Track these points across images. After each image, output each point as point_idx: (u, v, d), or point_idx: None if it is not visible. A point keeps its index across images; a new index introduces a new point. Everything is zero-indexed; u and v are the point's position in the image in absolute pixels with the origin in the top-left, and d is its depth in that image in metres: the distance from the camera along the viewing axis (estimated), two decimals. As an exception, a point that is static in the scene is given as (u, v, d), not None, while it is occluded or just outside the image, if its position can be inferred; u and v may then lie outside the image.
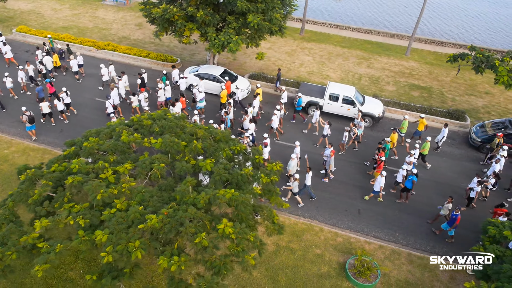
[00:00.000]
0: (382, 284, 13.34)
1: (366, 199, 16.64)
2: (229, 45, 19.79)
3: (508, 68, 18.75)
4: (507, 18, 45.21)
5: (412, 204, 16.59)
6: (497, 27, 41.87)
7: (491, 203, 16.46)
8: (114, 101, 19.83)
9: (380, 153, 16.87)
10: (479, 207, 16.54)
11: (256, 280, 13.22)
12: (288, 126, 21.09)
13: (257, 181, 12.64)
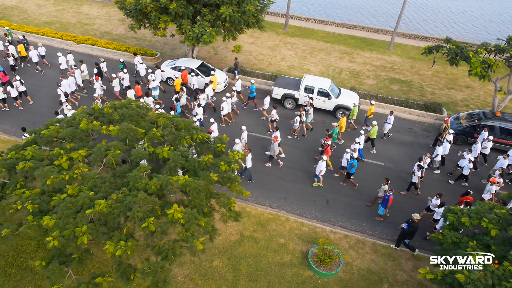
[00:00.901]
0: (344, 273, 13.26)
1: (315, 185, 16.72)
2: (202, 37, 19.72)
3: (481, 60, 18.67)
4: (491, 14, 45.21)
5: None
6: (481, 23, 41.85)
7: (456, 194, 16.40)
8: (69, 88, 20.11)
9: (327, 138, 17.13)
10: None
11: (217, 269, 13.14)
12: (243, 113, 21.47)
13: (216, 168, 12.61)
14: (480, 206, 11.92)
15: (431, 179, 17.59)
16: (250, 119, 20.91)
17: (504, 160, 16.48)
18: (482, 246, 11.06)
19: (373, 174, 17.59)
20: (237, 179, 12.88)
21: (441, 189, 16.33)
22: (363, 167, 17.89)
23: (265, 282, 12.81)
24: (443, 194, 14.79)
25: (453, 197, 16.05)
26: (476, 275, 9.86)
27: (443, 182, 17.52)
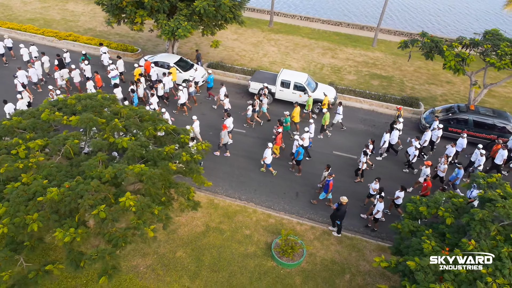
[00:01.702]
0: (307, 263, 13.26)
1: (262, 170, 17.09)
2: (177, 31, 19.74)
3: (454, 53, 18.67)
4: (476, 12, 45.23)
5: (351, 188, 16.51)
6: (468, 20, 41.87)
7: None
8: (30, 79, 20.38)
9: (278, 126, 17.30)
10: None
11: (180, 260, 13.14)
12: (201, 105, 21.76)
13: (178, 159, 12.64)
14: (439, 195, 11.93)
15: (384, 167, 17.80)
16: (206, 109, 21.21)
17: (452, 148, 16.63)
18: (437, 234, 11.08)
19: (347, 168, 17.58)
20: (199, 169, 12.91)
21: (394, 177, 16.78)
22: (336, 161, 17.89)
23: (227, 273, 12.81)
24: (398, 182, 14.88)
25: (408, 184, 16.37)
26: (427, 262, 9.86)
27: (395, 170, 17.68)
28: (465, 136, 17.20)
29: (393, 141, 17.76)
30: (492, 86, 20.36)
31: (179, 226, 14.30)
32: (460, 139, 17.17)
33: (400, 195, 14.31)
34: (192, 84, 20.45)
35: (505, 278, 8.89)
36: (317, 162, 17.70)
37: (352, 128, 20.27)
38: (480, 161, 15.95)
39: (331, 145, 19.03)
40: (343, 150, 18.73)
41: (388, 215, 15.30)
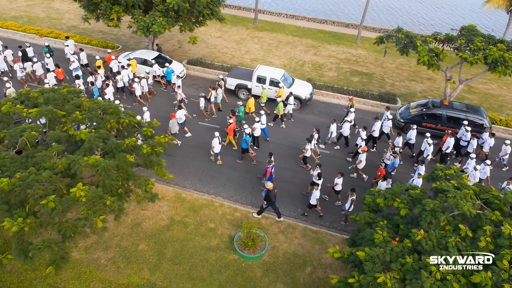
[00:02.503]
0: (270, 256, 13.24)
1: (212, 159, 17.36)
2: (152, 27, 19.75)
3: (427, 48, 18.66)
4: (463, 10, 45.24)
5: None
6: (453, 18, 41.89)
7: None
8: None
9: (232, 117, 17.49)
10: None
11: (142, 253, 13.13)
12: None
13: (139, 151, 12.65)
14: (396, 187, 11.93)
15: (335, 157, 18.17)
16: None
17: (399, 138, 17.00)
18: (391, 226, 11.07)
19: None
20: (160, 162, 12.92)
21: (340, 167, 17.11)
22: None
23: (188, 265, 12.80)
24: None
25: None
26: (376, 252, 9.85)
27: (342, 160, 17.96)
28: (415, 128, 17.39)
29: (345, 133, 17.98)
30: (468, 81, 20.35)
31: (144, 219, 14.30)
32: (410, 131, 17.36)
33: (338, 182, 14.55)
34: (149, 76, 20.73)
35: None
36: (287, 156, 17.71)
37: (324, 123, 20.21)
38: (428, 151, 16.28)
39: (295, 137, 19.18)
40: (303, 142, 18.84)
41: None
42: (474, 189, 10.80)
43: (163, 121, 18.48)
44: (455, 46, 19.56)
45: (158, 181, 16.02)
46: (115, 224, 13.99)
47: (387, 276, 8.98)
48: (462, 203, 9.61)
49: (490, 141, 17.07)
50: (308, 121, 20.44)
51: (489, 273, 8.40)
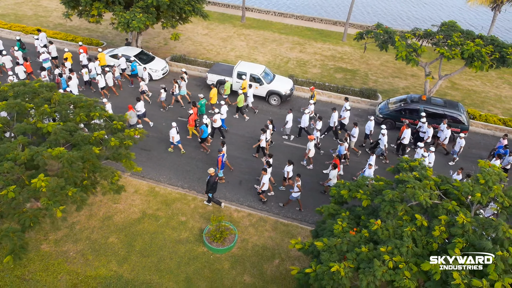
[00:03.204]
0: (239, 249, 13.29)
1: (170, 150, 17.58)
2: (132, 23, 19.81)
3: (404, 43, 18.70)
4: (451, 7, 45.29)
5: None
6: (441, 15, 41.93)
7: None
8: None
9: (193, 108, 17.83)
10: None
11: (111, 245, 13.17)
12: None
13: (107, 144, 12.72)
14: (361, 179, 11.97)
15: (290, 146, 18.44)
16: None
17: (356, 129, 17.29)
18: (353, 217, 11.11)
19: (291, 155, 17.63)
20: (129, 155, 12.98)
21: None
22: (283, 149, 17.94)
23: (156, 258, 12.84)
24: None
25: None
26: (333, 242, 9.90)
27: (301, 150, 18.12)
28: (373, 119, 17.71)
29: (304, 124, 18.12)
30: (447, 77, 20.39)
31: (115, 213, 14.35)
32: (368, 122, 17.75)
33: (288, 169, 14.72)
34: (116, 69, 20.97)
35: (402, 256, 8.91)
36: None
37: (297, 117, 20.28)
38: (383, 141, 16.69)
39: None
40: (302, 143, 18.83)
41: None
42: (435, 180, 10.85)
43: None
44: (433, 41, 19.59)
45: (132, 176, 16.10)
46: (86, 217, 14.08)
47: (341, 265, 9.02)
48: (418, 193, 9.65)
49: (446, 132, 17.35)
50: (283, 115, 20.59)
51: (440, 261, 8.44)
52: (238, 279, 12.36)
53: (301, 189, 14.43)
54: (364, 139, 18.39)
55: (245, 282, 12.29)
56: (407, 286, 8.39)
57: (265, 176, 14.25)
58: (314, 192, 15.85)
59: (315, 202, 15.18)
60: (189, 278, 12.28)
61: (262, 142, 16.60)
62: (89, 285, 11.94)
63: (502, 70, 26.73)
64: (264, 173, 14.19)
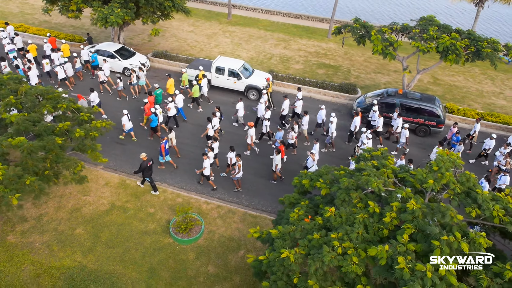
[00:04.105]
0: (205, 240, 13.30)
1: (122, 138, 17.83)
2: (109, 18, 19.85)
3: (380, 37, 18.71)
4: (437, 4, 45.27)
5: (266, 168, 16.57)
6: (427, 12, 41.94)
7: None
8: None
9: (149, 97, 18.13)
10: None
11: (78, 236, 13.18)
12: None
13: (72, 135, 12.75)
14: (323, 168, 11.98)
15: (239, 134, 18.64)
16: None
17: (306, 117, 17.50)
18: (312, 205, 11.12)
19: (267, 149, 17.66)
20: (95, 146, 13.01)
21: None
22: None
23: (121, 249, 12.85)
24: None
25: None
26: (288, 230, 9.92)
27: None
28: (324, 108, 18.00)
29: (259, 113, 18.33)
30: (425, 71, 20.41)
31: (84, 204, 14.36)
32: (320, 111, 17.97)
33: (231, 156, 15.02)
34: (77, 60, 21.17)
35: (352, 242, 8.90)
36: (232, 142, 17.78)
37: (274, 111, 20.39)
38: (331, 129, 17.06)
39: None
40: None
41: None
42: (394, 168, 10.86)
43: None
44: (410, 35, 19.61)
45: (105, 168, 16.13)
46: (54, 209, 14.09)
47: (291, 252, 9.03)
48: (372, 180, 9.66)
49: (398, 121, 17.42)
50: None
51: (386, 246, 8.43)
52: (202, 270, 12.37)
53: (241, 169, 14.84)
54: (315, 128, 18.65)
55: (208, 273, 12.30)
56: (354, 271, 8.39)
57: (206, 160, 14.41)
58: (283, 184, 15.83)
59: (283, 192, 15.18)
60: (153, 269, 12.29)
61: (209, 131, 16.67)
62: (52, 276, 11.95)
63: (486, 66, 26.72)
64: (205, 158, 14.38)
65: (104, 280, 11.92)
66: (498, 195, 9.56)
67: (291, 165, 16.87)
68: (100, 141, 14.41)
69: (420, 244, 8.57)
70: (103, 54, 22.41)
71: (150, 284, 11.86)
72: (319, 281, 8.73)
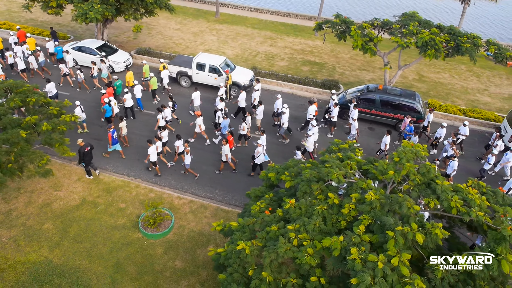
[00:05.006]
0: (175, 235, 13.17)
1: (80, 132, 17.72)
2: (89, 14, 19.76)
3: (360, 32, 18.59)
4: (425, 5, 45.25)
5: (240, 163, 16.44)
6: (421, 13, 41.93)
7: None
8: None
9: (107, 88, 18.24)
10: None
11: (46, 231, 13.04)
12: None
13: (39, 129, 12.64)
14: (290, 162, 11.86)
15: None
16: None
17: (260, 107, 17.51)
18: (276, 198, 10.99)
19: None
20: (63, 140, 12.89)
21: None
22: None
23: (89, 243, 12.72)
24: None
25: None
26: (248, 222, 9.81)
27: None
28: (279, 97, 18.24)
29: (219, 106, 17.91)
30: (406, 67, 20.28)
31: (55, 199, 14.22)
32: (277, 100, 18.18)
33: (177, 144, 15.14)
34: (40, 54, 21.27)
35: (308, 233, 8.77)
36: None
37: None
38: (283, 119, 17.27)
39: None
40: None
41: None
42: (358, 161, 10.73)
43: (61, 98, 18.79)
44: (390, 31, 19.49)
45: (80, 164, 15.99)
46: (24, 204, 13.96)
47: (248, 244, 8.90)
48: (332, 171, 9.53)
49: (354, 111, 17.42)
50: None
51: (341, 237, 8.29)
52: (169, 264, 12.23)
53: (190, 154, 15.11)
54: (272, 117, 18.82)
55: (175, 267, 12.15)
56: (308, 263, 8.25)
57: (151, 147, 14.60)
58: (258, 179, 15.65)
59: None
60: (119, 263, 12.15)
61: (160, 122, 16.63)
62: (16, 270, 11.81)
63: (472, 63, 26.54)
64: (150, 144, 14.56)
65: (69, 274, 11.78)
66: (459, 186, 9.42)
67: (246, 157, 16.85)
68: (74, 137, 14.33)
69: (376, 235, 8.44)
70: (85, 50, 22.32)
71: (115, 279, 11.72)
72: (274, 273, 8.61)
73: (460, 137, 16.97)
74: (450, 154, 15.70)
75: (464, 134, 16.96)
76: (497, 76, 25.96)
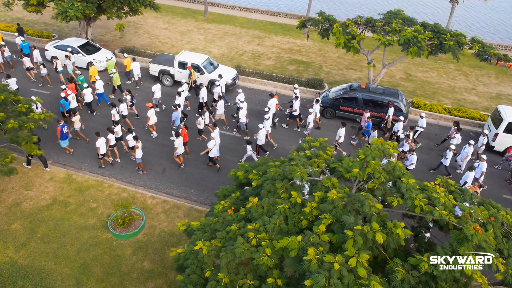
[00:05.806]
0: (145, 235, 12.88)
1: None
2: (69, 11, 19.51)
3: (342, 30, 18.33)
4: (415, 4, 45.00)
5: (220, 162, 16.16)
6: (414, 13, 41.71)
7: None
8: None
9: (69, 84, 18.36)
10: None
11: (13, 232, 12.75)
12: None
13: (5, 127, 12.37)
14: (260, 160, 11.59)
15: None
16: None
17: (220, 102, 17.44)
18: (242, 197, 10.71)
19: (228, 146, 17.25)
20: (31, 138, 12.63)
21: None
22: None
23: (57, 244, 12.43)
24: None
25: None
26: (209, 221, 9.52)
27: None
28: (241, 91, 18.17)
29: (176, 101, 17.91)
30: (390, 65, 20.01)
31: (25, 199, 13.94)
32: (238, 94, 18.03)
33: (128, 138, 15.06)
34: (5, 49, 21.15)
35: (267, 233, 8.48)
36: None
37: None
38: (240, 114, 17.09)
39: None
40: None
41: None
42: (327, 158, 10.45)
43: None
44: (373, 29, 19.22)
45: (53, 164, 15.71)
46: (-7, 204, 13.69)
47: (206, 244, 8.61)
48: (296, 169, 9.25)
49: (316, 107, 17.74)
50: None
51: (299, 237, 8.00)
52: (137, 265, 11.94)
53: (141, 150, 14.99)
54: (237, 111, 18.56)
55: (143, 268, 11.86)
56: (265, 264, 7.96)
57: (99, 139, 14.77)
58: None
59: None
60: (86, 264, 11.86)
61: (115, 116, 16.56)
62: (-21, 271, 11.53)
63: (461, 62, 26.32)
64: (98, 137, 14.78)
65: (33, 276, 11.49)
66: (427, 184, 9.13)
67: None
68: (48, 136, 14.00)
69: (336, 235, 8.15)
70: (66, 49, 22.05)
71: (80, 280, 11.43)
72: (231, 274, 8.32)
73: (418, 129, 17.22)
74: (407, 149, 15.67)
75: (422, 126, 17.16)
76: (486, 75, 25.69)
